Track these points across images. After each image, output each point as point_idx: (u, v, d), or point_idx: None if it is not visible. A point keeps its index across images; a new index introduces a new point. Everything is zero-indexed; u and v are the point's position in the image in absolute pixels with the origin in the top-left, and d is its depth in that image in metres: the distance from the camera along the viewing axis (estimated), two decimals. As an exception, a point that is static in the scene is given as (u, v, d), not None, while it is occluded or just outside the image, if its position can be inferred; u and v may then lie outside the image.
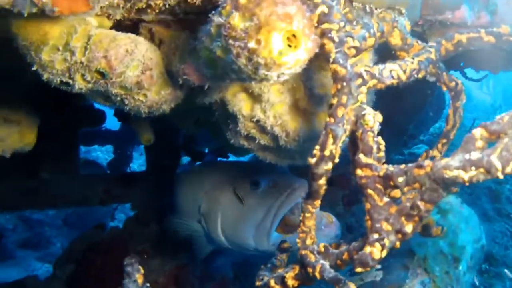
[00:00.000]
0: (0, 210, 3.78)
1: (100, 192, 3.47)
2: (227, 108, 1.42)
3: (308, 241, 1.13)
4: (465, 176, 0.82)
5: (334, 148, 1.02)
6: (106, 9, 1.10)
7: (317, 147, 1.02)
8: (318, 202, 1.11)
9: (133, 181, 3.62)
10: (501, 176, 0.81)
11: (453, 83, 1.27)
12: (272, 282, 1.18)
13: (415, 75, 1.10)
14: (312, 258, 1.08)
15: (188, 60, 1.12)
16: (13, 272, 5.44)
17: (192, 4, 1.07)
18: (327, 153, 1.02)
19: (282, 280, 1.17)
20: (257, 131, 1.41)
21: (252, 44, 0.84)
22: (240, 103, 1.40)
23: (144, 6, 1.10)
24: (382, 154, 1.05)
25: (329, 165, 1.03)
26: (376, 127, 1.03)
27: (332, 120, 1.02)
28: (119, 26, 1.21)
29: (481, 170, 0.81)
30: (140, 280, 1.10)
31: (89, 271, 3.24)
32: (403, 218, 0.94)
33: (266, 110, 1.35)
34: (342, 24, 1.01)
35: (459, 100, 1.29)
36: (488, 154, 0.81)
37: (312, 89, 1.29)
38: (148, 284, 1.10)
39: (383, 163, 1.06)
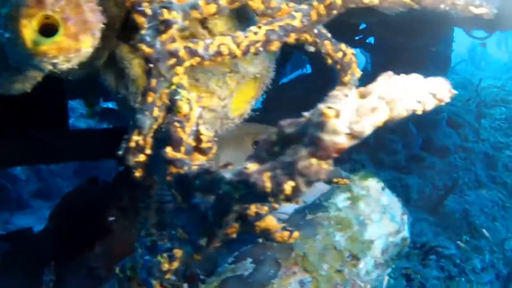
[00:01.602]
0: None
1: (90, 147, 3.47)
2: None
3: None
4: (235, 194, 0.63)
5: (140, 139, 0.86)
6: None
7: (125, 137, 0.88)
8: (152, 190, 0.96)
9: (121, 136, 3.59)
10: (271, 200, 0.61)
11: (340, 54, 1.04)
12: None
13: (260, 48, 0.89)
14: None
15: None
16: (29, 220, 5.71)
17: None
18: (132, 144, 0.87)
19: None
20: (125, 108, 1.24)
21: (8, 34, 0.75)
22: (108, 78, 1.24)
23: None
24: (207, 145, 0.87)
25: (140, 157, 0.88)
26: (195, 114, 0.85)
27: (140, 107, 0.85)
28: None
29: (251, 190, 0.61)
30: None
31: (73, 226, 3.28)
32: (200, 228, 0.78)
33: (128, 85, 1.18)
34: (156, -8, 0.82)
35: (348, 74, 1.07)
36: (261, 170, 0.61)
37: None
38: None
39: (209, 155, 0.88)
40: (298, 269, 1.20)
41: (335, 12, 0.96)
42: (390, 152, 3.74)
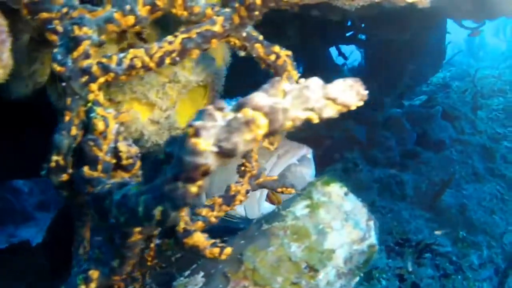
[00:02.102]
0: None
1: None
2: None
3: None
4: (121, 218, 0.59)
5: (60, 159, 0.83)
6: None
7: (47, 157, 0.85)
8: (85, 208, 0.93)
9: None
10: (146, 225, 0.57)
11: (273, 56, 0.99)
12: None
13: (177, 58, 0.85)
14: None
15: None
16: (33, 231, 5.74)
17: None
18: (53, 165, 0.84)
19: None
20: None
21: None
22: (53, 94, 1.22)
23: None
24: (128, 162, 0.83)
25: (63, 177, 0.85)
26: (112, 131, 0.81)
27: (58, 127, 0.83)
28: None
29: (131, 214, 0.57)
30: None
31: (68, 237, 3.28)
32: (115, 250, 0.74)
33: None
34: (65, 9, 0.79)
35: (283, 78, 1.01)
36: (139, 193, 0.57)
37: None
38: None
39: (132, 171, 0.84)
40: (248, 283, 1.15)
41: (256, 13, 0.90)
42: (384, 149, 3.67)
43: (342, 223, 1.33)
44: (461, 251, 3.02)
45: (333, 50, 4.76)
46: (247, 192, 1.11)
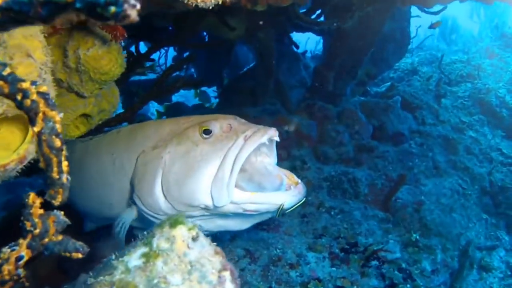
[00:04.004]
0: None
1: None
2: None
3: None
4: None
5: None
6: None
7: None
8: None
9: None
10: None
11: (19, 95, 0.73)
12: None
13: None
14: None
15: None
16: None
17: None
18: None
19: None
20: None
21: None
22: None
23: None
24: None
25: None
26: None
27: None
28: None
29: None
30: None
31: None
32: None
33: None
34: None
35: (38, 122, 0.75)
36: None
37: None
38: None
39: None
40: None
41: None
42: (336, 144, 3.42)
43: (184, 276, 1.09)
44: (412, 257, 2.79)
45: (301, 39, 4.53)
46: (19, 259, 0.86)
